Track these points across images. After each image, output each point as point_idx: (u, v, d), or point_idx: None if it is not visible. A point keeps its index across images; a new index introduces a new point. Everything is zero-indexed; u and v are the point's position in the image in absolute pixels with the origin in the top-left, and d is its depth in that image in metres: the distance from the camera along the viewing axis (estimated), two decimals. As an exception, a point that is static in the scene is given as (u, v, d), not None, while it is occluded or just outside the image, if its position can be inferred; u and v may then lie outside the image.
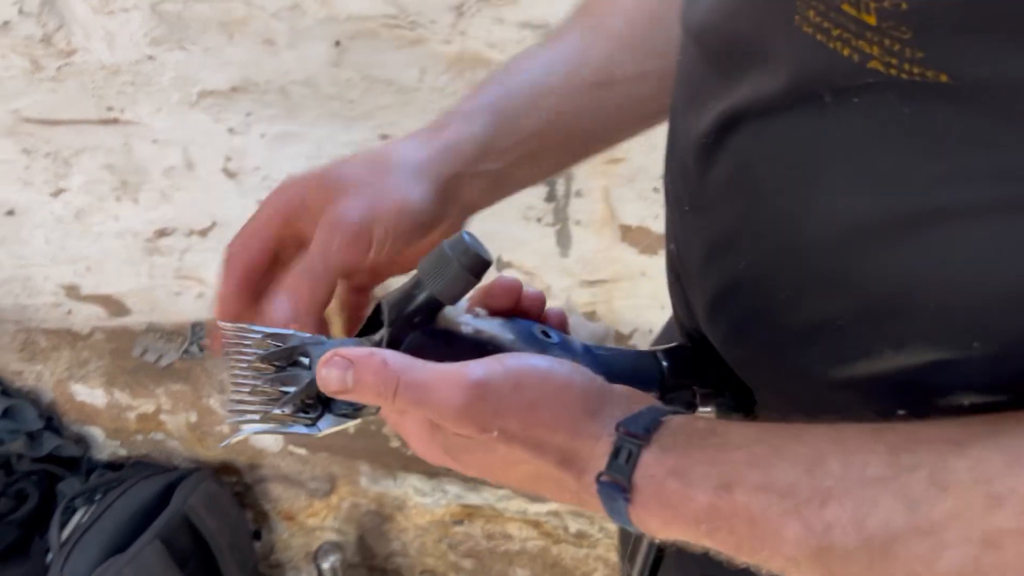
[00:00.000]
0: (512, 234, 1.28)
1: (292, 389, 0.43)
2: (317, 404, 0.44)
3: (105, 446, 1.58)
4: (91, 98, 1.23)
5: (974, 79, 0.30)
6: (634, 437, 0.41)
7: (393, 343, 0.45)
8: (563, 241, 1.28)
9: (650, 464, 0.40)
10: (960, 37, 0.30)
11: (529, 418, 0.41)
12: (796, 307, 0.40)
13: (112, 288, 1.52)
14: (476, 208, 0.55)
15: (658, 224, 1.23)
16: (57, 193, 1.37)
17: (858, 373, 0.39)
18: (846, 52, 0.33)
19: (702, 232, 0.47)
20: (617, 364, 0.49)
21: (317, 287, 0.48)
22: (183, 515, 1.40)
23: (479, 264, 0.44)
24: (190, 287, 1.49)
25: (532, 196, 1.23)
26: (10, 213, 1.42)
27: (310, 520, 1.68)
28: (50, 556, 1.37)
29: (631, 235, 1.25)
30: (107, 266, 1.48)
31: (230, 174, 1.29)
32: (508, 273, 1.32)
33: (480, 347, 0.44)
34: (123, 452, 1.59)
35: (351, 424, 0.45)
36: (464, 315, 0.47)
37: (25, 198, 1.39)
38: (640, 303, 1.34)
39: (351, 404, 0.44)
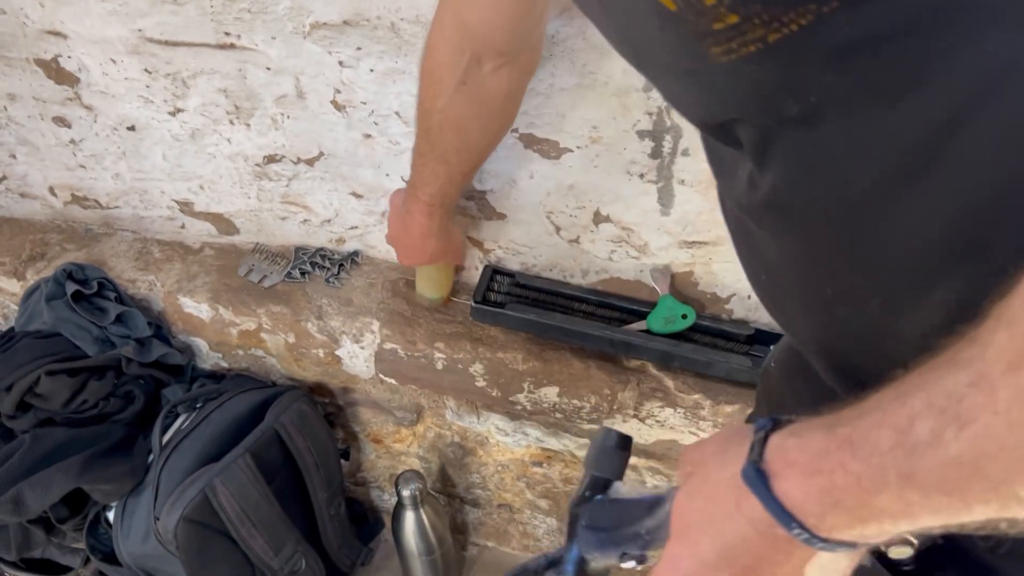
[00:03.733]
0: (613, 188, 1.25)
1: None
2: None
3: (208, 357, 1.65)
4: (210, 22, 1.25)
5: None
6: (759, 430, 0.48)
7: (572, 520, 0.63)
8: (665, 199, 1.24)
9: (775, 440, 0.46)
10: None
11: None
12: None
13: (223, 207, 1.57)
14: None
15: (766, 190, 1.18)
16: (175, 112, 1.41)
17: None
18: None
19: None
20: None
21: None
22: (274, 432, 1.46)
23: (626, 442, 0.60)
24: (296, 213, 1.53)
25: (636, 152, 1.19)
26: (131, 128, 1.47)
27: (396, 445, 1.73)
28: (151, 457, 1.45)
29: (737, 198, 1.20)
30: (219, 186, 1.52)
31: (339, 106, 1.30)
32: (606, 227, 1.30)
33: (641, 503, 0.58)
34: (224, 364, 1.66)
35: None
36: (624, 488, 0.62)
37: (146, 115, 1.44)
38: (740, 268, 1.29)
39: None
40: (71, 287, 1.49)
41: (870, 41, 0.38)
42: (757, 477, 0.45)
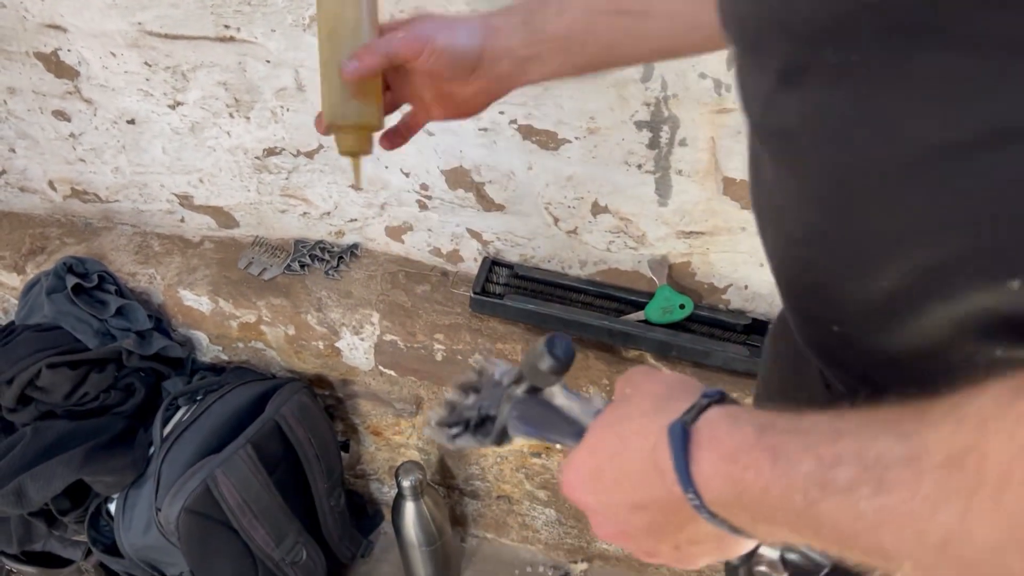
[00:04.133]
0: (611, 179, 1.26)
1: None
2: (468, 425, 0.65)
3: (208, 350, 1.66)
4: (209, 15, 1.26)
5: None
6: (705, 397, 0.48)
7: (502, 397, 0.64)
8: (662, 189, 1.25)
9: (712, 413, 0.47)
10: None
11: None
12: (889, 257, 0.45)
13: (222, 200, 1.57)
14: (511, 79, 0.75)
15: (763, 180, 1.19)
16: (175, 106, 1.42)
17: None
18: None
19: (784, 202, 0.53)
20: None
21: (374, 56, 0.71)
22: (275, 423, 1.47)
23: (561, 366, 0.58)
24: (295, 206, 1.53)
25: (634, 142, 1.20)
26: (131, 122, 1.47)
27: (396, 437, 1.74)
28: (152, 449, 1.46)
29: (734, 188, 1.21)
30: (219, 179, 1.53)
31: (338, 99, 1.31)
32: (604, 218, 1.31)
33: (565, 419, 0.59)
34: (225, 357, 1.67)
35: (479, 447, 0.65)
36: (563, 392, 0.60)
37: (145, 108, 1.44)
38: (737, 258, 1.31)
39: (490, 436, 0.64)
40: (71, 280, 1.49)
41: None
42: (680, 436, 0.46)
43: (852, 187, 0.44)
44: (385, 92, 0.78)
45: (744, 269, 1.32)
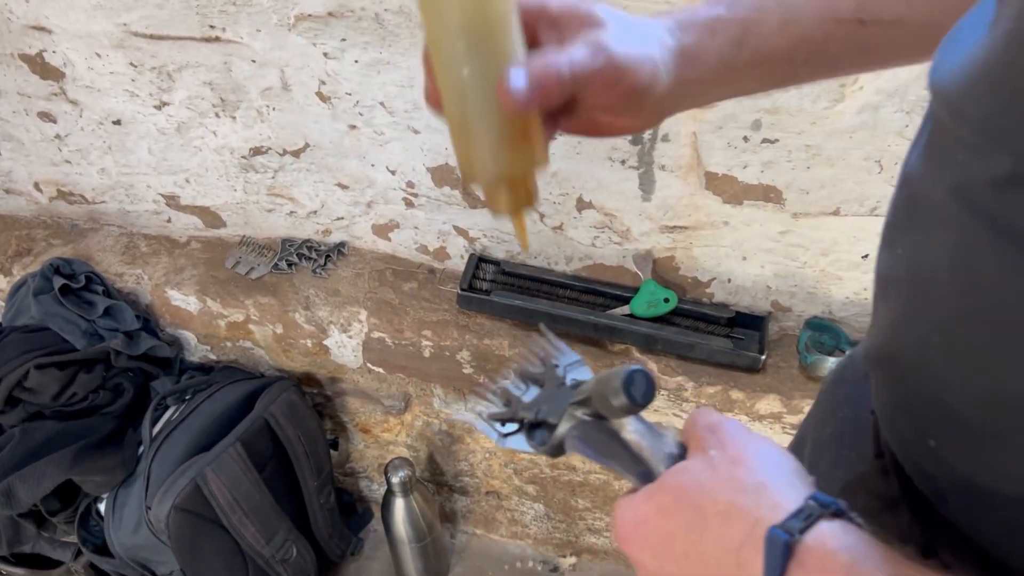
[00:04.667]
0: (595, 174, 1.28)
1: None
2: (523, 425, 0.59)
3: (197, 349, 1.66)
4: (195, 16, 1.27)
5: None
6: (817, 502, 0.42)
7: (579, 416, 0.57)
8: (646, 185, 1.27)
9: (826, 531, 0.41)
10: None
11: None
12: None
13: (209, 200, 1.58)
14: (677, 108, 0.57)
15: (745, 174, 1.20)
16: (161, 106, 1.42)
17: None
18: None
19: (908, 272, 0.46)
20: None
21: (556, 75, 0.49)
22: (264, 421, 1.47)
23: (635, 407, 0.50)
24: (282, 205, 1.54)
25: (618, 138, 1.22)
26: (117, 123, 1.48)
27: (384, 434, 1.75)
28: (141, 448, 1.46)
29: (716, 183, 1.23)
30: (205, 179, 1.53)
31: (324, 98, 1.32)
32: (588, 214, 1.32)
33: (632, 456, 0.52)
34: (213, 356, 1.67)
35: (531, 452, 0.58)
36: (633, 422, 0.53)
37: (131, 109, 1.45)
38: (720, 252, 1.32)
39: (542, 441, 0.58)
40: (58, 281, 1.49)
41: None
42: (782, 553, 0.41)
43: None
44: None
45: (727, 263, 1.34)
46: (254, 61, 1.30)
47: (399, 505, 1.61)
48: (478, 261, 1.46)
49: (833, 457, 0.43)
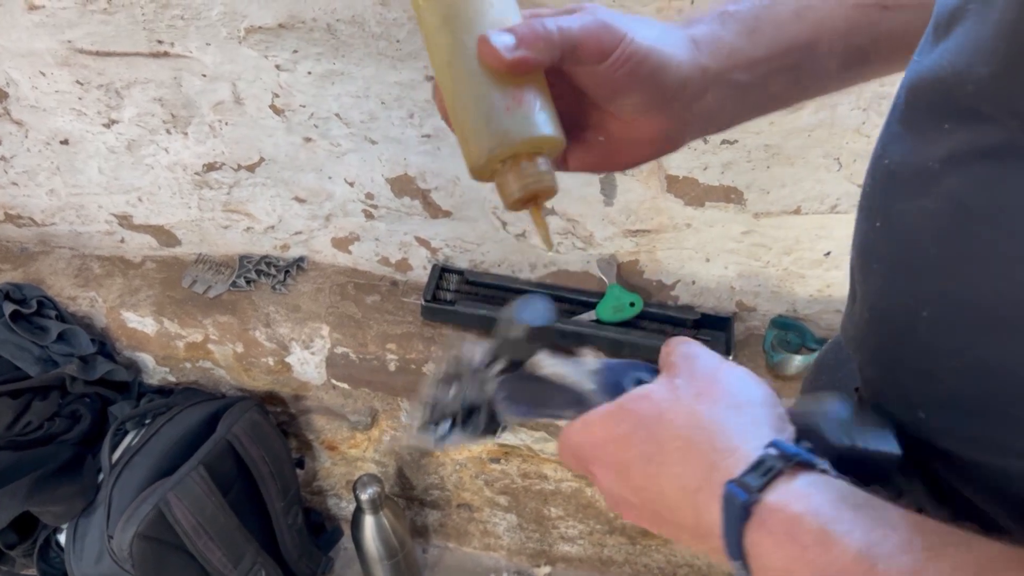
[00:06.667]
0: (557, 180, 1.27)
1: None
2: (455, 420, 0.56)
3: (155, 372, 1.63)
4: (142, 31, 1.24)
5: None
6: (783, 455, 0.40)
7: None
8: (608, 190, 1.26)
9: (790, 491, 0.39)
10: None
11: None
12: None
13: (163, 219, 1.54)
14: (705, 123, 0.52)
15: (705, 175, 1.20)
16: (110, 124, 1.39)
17: None
18: None
19: (888, 255, 0.46)
20: None
21: (545, 38, 0.46)
22: (227, 442, 1.44)
23: (541, 332, 0.50)
24: (238, 221, 1.51)
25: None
26: (64, 142, 1.44)
27: (352, 451, 1.73)
28: (101, 476, 1.42)
29: (677, 185, 1.22)
30: (158, 197, 1.50)
31: (277, 111, 1.29)
32: (552, 220, 1.31)
33: (559, 389, 0.51)
34: (172, 378, 1.63)
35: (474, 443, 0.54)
36: (546, 357, 0.52)
37: (79, 128, 1.41)
38: (684, 254, 1.32)
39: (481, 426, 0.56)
40: (8, 307, 1.45)
41: None
42: (739, 514, 0.39)
43: None
44: None
45: (691, 265, 1.34)
46: (205, 75, 1.28)
47: (369, 522, 1.58)
48: (441, 271, 1.44)
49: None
